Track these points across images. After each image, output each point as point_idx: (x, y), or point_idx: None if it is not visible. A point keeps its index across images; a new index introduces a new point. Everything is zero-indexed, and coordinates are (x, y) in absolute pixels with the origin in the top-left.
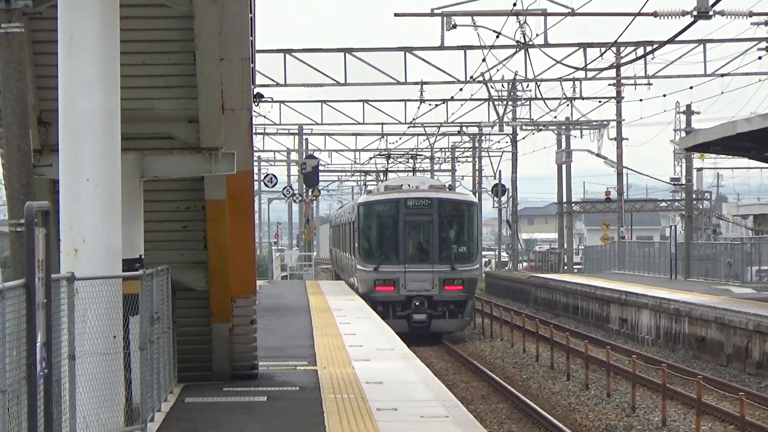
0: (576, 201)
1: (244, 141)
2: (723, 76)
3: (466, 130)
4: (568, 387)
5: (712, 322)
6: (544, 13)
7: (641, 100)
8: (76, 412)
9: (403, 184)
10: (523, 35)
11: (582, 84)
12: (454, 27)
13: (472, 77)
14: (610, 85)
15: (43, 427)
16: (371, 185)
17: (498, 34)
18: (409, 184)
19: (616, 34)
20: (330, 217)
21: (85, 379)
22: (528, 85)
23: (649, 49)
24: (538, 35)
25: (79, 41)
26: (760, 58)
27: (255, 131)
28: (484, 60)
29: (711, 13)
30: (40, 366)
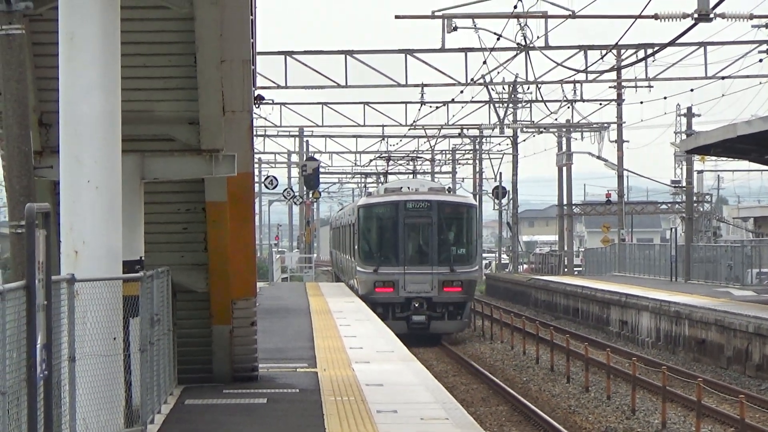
0: (576, 203)
1: (245, 143)
2: (724, 78)
3: (466, 132)
4: (568, 389)
5: (712, 325)
6: (545, 15)
7: (642, 103)
8: (76, 414)
9: (402, 187)
10: (524, 37)
11: (583, 86)
12: (455, 29)
13: (472, 79)
14: (610, 87)
15: (43, 429)
16: (371, 187)
17: (499, 36)
18: (408, 187)
19: (616, 36)
20: (330, 219)
21: (85, 380)
22: (529, 88)
23: (649, 51)
24: (538, 37)
25: (80, 43)
26: (761, 60)
27: (255, 133)
28: (484, 62)
29: (712, 15)
30: (40, 368)
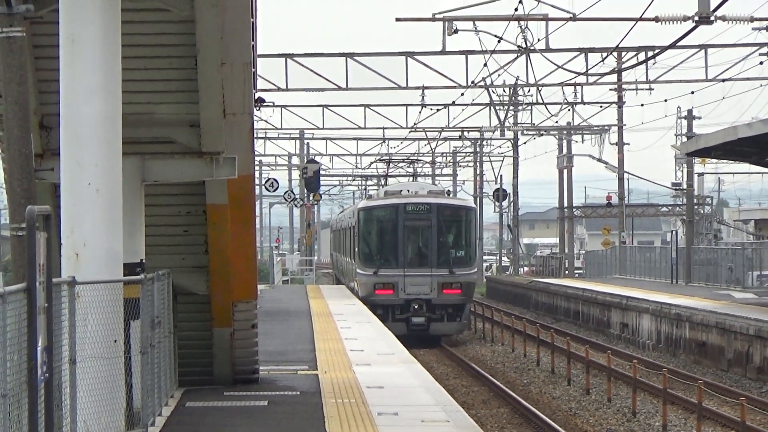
0: (577, 206)
1: (246, 145)
2: (724, 81)
3: (467, 134)
4: (568, 392)
5: (712, 327)
6: (546, 18)
7: (642, 105)
8: (77, 416)
9: (402, 190)
10: (525, 40)
11: (583, 89)
12: (456, 32)
13: (473, 82)
14: (611, 90)
15: (44, 431)
16: (372, 190)
17: (499, 39)
18: (408, 190)
19: (617, 39)
20: (331, 222)
21: (85, 383)
22: (529, 90)
23: (650, 54)
24: (539, 40)
25: (81, 46)
26: (762, 63)
27: (256, 136)
28: (485, 65)
29: (712, 18)
30: (41, 370)
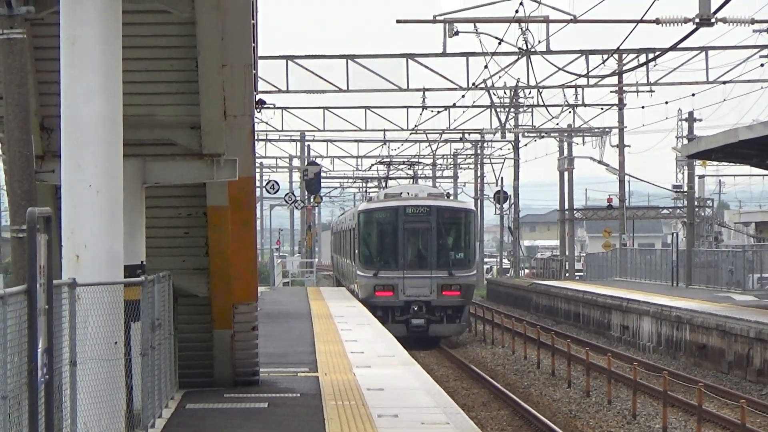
0: (578, 208)
1: (246, 147)
2: (725, 83)
3: (468, 136)
4: (569, 394)
5: (713, 330)
6: (547, 20)
7: (643, 107)
8: (77, 418)
9: (402, 192)
10: (526, 42)
11: (584, 91)
12: (456, 34)
13: (474, 84)
14: (612, 92)
15: None
16: (372, 192)
17: (500, 41)
18: (408, 192)
19: (618, 41)
20: (331, 224)
21: (86, 385)
22: (530, 92)
23: (651, 56)
24: (540, 42)
25: (82, 47)
26: (762, 65)
27: (257, 138)
28: (486, 67)
29: (713, 20)
30: (41, 372)
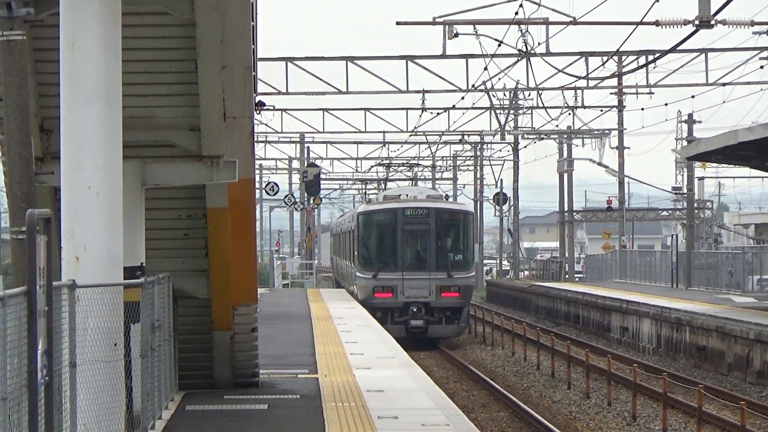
0: (577, 210)
1: (246, 149)
2: (725, 85)
3: (467, 138)
4: (569, 396)
5: (713, 331)
6: (546, 21)
7: (643, 109)
8: (77, 419)
9: (401, 194)
10: (525, 44)
11: (584, 93)
12: (456, 35)
13: (473, 86)
14: (611, 94)
15: None
16: (372, 194)
17: (500, 42)
18: (407, 194)
19: (618, 43)
20: (331, 226)
21: (85, 386)
22: (530, 94)
23: (650, 58)
24: (539, 44)
25: (81, 49)
26: (762, 67)
27: (256, 139)
28: (485, 68)
29: (713, 22)
30: (41, 373)
